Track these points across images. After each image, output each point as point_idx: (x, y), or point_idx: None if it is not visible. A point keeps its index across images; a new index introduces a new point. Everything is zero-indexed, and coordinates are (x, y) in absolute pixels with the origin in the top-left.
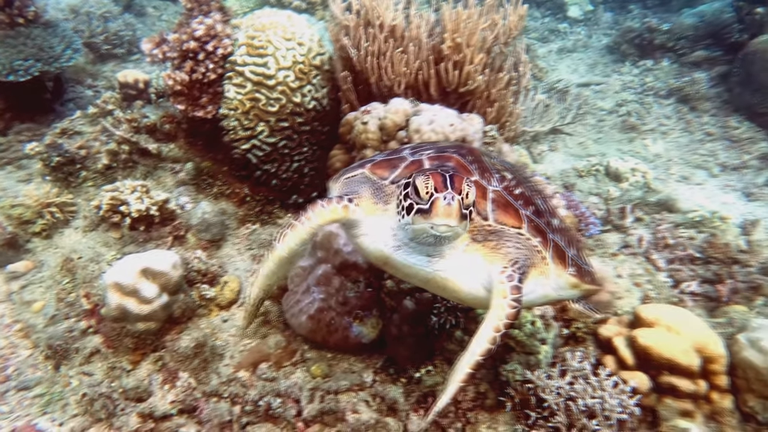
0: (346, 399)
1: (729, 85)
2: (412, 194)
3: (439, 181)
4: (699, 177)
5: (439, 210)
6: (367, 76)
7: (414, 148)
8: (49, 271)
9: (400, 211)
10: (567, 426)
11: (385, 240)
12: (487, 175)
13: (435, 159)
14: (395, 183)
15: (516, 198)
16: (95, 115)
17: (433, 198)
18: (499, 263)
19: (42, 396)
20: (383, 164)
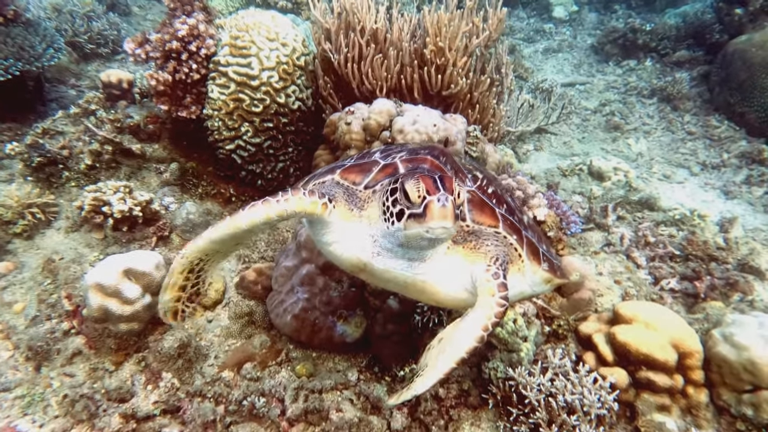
0: (330, 398)
1: (710, 84)
2: (402, 199)
3: (430, 183)
4: (680, 175)
5: (435, 213)
6: (349, 80)
7: (384, 151)
8: (30, 272)
9: (387, 218)
10: (547, 422)
11: (362, 246)
12: (461, 174)
13: (409, 161)
14: (369, 188)
15: (490, 197)
16: (78, 115)
17: (426, 201)
18: (481, 262)
19: (23, 397)
20: (354, 169)
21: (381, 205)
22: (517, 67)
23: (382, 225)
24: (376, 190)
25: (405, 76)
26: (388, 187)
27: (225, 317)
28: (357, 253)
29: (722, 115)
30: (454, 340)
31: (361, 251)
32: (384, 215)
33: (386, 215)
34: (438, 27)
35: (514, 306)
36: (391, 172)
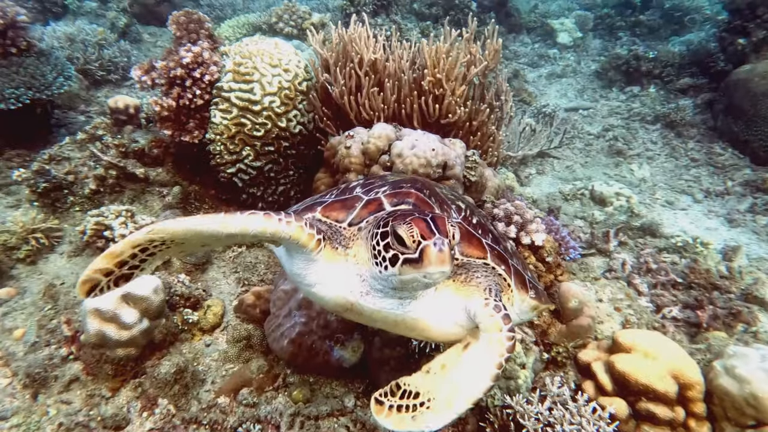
0: (326, 425)
1: (713, 112)
2: (394, 244)
3: (424, 227)
4: (683, 202)
5: (432, 258)
6: (347, 111)
7: (365, 185)
8: (31, 297)
9: (379, 261)
10: None
11: (350, 287)
12: (445, 207)
13: (393, 196)
14: (354, 225)
15: (475, 227)
16: (84, 141)
17: (422, 246)
18: (476, 296)
19: (18, 426)
20: (336, 206)
21: (371, 249)
22: (520, 91)
23: (373, 268)
24: (361, 228)
25: (405, 106)
26: (378, 230)
27: (223, 341)
28: (343, 294)
29: (726, 142)
30: (467, 378)
31: (347, 292)
32: (375, 259)
33: (377, 259)
34: (436, 58)
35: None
36: (375, 208)
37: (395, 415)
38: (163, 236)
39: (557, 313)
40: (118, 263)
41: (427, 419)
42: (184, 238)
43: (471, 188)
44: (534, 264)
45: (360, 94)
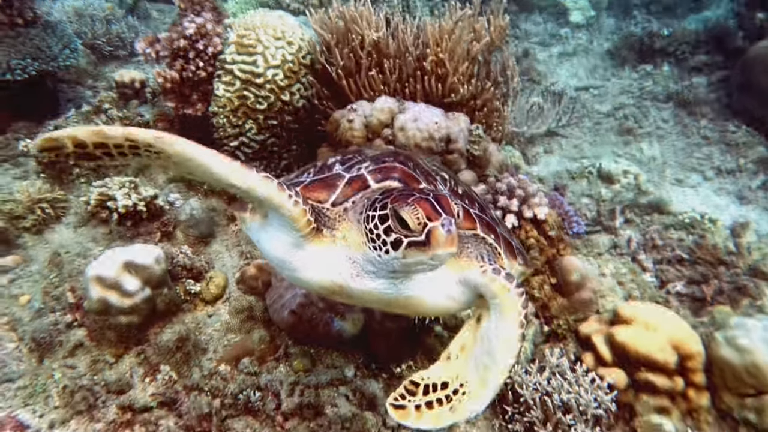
0: (326, 393)
1: (728, 89)
2: (397, 227)
3: (429, 208)
4: (693, 180)
5: (441, 240)
6: (347, 93)
7: (345, 162)
8: (37, 265)
9: (379, 246)
10: (542, 421)
11: (338, 270)
12: (431, 179)
13: (377, 172)
14: (338, 205)
15: (462, 198)
16: (90, 114)
17: (430, 228)
18: (472, 267)
19: (25, 388)
20: (317, 186)
21: (367, 232)
22: (530, 71)
23: (370, 252)
24: (347, 208)
25: (408, 85)
26: (375, 213)
27: (225, 312)
28: (331, 277)
29: (740, 120)
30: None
31: (335, 275)
32: (373, 243)
33: (376, 243)
34: (439, 37)
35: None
36: (359, 186)
37: (428, 413)
38: (166, 149)
39: (558, 287)
40: (100, 144)
41: (468, 406)
42: (186, 161)
43: (474, 163)
44: (536, 238)
45: (359, 75)
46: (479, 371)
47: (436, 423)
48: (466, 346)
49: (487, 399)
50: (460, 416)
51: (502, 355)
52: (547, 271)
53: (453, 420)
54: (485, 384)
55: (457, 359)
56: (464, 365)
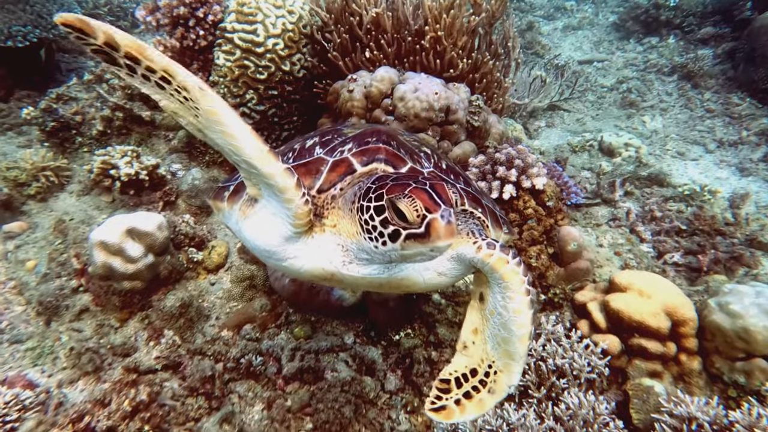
0: (326, 359)
1: (734, 62)
2: (394, 219)
3: (426, 198)
4: (695, 153)
5: (441, 232)
6: (343, 71)
7: (324, 144)
8: (42, 232)
9: (375, 237)
10: (536, 384)
11: (328, 258)
12: (415, 157)
13: (361, 154)
14: (324, 192)
15: (446, 173)
16: (91, 82)
17: (429, 220)
18: (465, 243)
19: (33, 349)
20: (299, 170)
21: (362, 223)
22: (534, 44)
23: (365, 243)
24: (335, 195)
25: (406, 61)
26: (370, 204)
27: (227, 281)
28: (321, 265)
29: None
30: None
31: (326, 263)
32: (369, 234)
33: (372, 234)
34: (438, 14)
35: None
36: (344, 170)
37: (469, 403)
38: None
39: (556, 257)
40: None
41: (503, 383)
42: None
43: (474, 133)
44: (534, 208)
45: (355, 54)
46: (501, 346)
47: (481, 409)
48: (478, 328)
49: (519, 370)
50: (501, 394)
51: (517, 326)
52: (545, 240)
53: (496, 400)
54: (511, 356)
55: (474, 344)
56: (484, 346)
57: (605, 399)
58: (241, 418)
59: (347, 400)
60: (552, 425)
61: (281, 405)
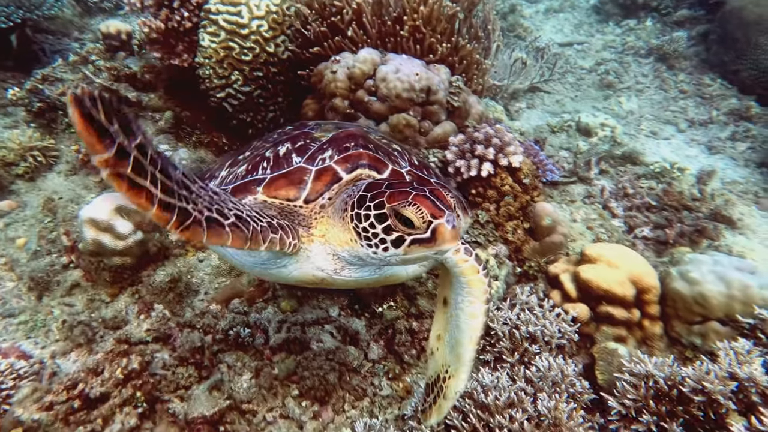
0: (312, 330)
1: (707, 44)
2: (398, 226)
3: (430, 205)
4: (667, 132)
5: (447, 236)
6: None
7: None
8: (31, 210)
9: (376, 244)
10: (510, 350)
11: (318, 266)
12: (392, 157)
13: (345, 161)
14: (311, 202)
15: (420, 169)
16: (77, 63)
17: (435, 226)
18: None
19: (26, 323)
20: (280, 183)
21: (359, 231)
22: (516, 26)
23: (363, 250)
24: (323, 205)
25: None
26: (370, 213)
27: (215, 257)
28: (311, 272)
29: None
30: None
31: (315, 270)
32: (368, 241)
33: (373, 241)
34: (416, 5)
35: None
36: (330, 179)
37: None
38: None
39: (531, 231)
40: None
41: (452, 386)
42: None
43: (454, 114)
44: (511, 185)
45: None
46: (454, 349)
47: (439, 414)
48: (441, 335)
49: (466, 376)
50: (451, 399)
51: (471, 328)
52: (521, 216)
53: (448, 405)
54: (460, 359)
55: (437, 351)
56: (444, 352)
57: (574, 362)
58: (230, 386)
59: (332, 368)
60: (523, 386)
61: (269, 373)
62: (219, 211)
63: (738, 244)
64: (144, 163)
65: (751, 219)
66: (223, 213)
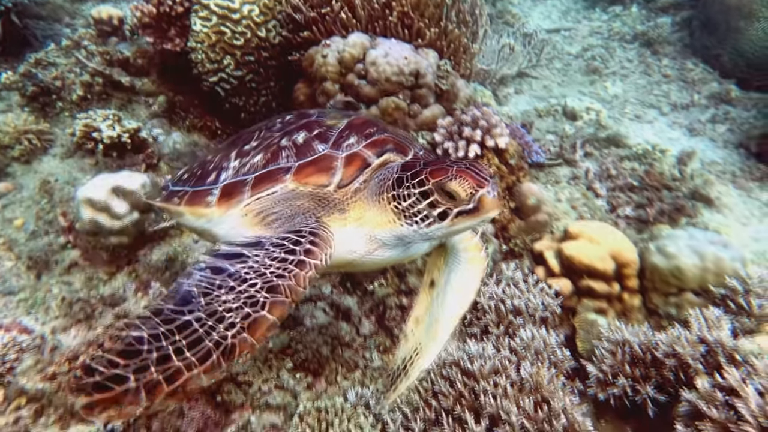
0: (305, 307)
1: (691, 29)
2: (444, 200)
3: (473, 176)
4: (650, 115)
5: (491, 205)
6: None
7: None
8: (28, 192)
9: (419, 220)
10: (496, 323)
11: (352, 248)
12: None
13: (372, 146)
14: (344, 187)
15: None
16: (69, 48)
17: (479, 196)
18: None
19: (26, 300)
20: (309, 170)
21: (401, 210)
22: (504, 13)
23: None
24: (358, 189)
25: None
26: (413, 191)
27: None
28: (343, 255)
29: (699, 58)
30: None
31: (348, 253)
32: (411, 219)
33: (415, 218)
34: None
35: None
36: (361, 164)
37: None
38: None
39: (517, 211)
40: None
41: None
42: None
43: (443, 97)
44: (497, 166)
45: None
46: (431, 327)
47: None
48: (419, 318)
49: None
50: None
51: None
52: (507, 196)
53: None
54: (435, 337)
55: (413, 334)
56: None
57: (556, 333)
58: None
59: (325, 342)
60: (507, 355)
61: (263, 347)
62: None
63: (714, 221)
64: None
65: (728, 198)
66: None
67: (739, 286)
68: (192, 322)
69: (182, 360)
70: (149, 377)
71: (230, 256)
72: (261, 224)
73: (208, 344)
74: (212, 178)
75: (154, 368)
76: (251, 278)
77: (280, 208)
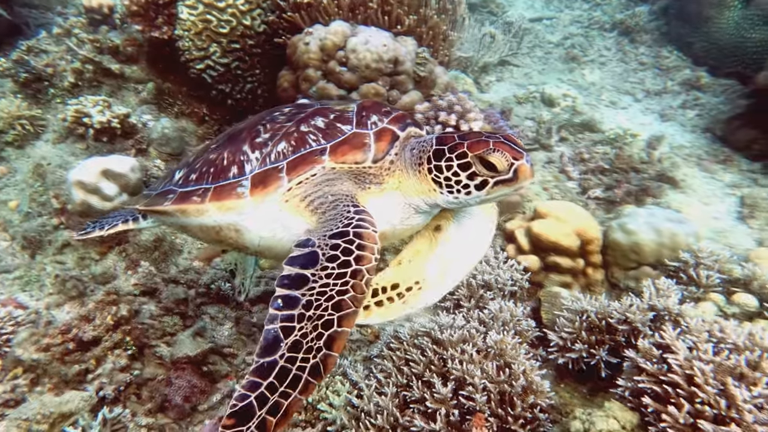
0: None
1: (667, 18)
2: (483, 171)
3: (509, 148)
4: (625, 102)
5: (527, 174)
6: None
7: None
8: (21, 176)
9: (458, 189)
10: (467, 297)
11: (389, 218)
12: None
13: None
14: (380, 160)
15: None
16: (60, 36)
17: (517, 166)
18: None
19: (21, 278)
20: (345, 148)
21: (442, 180)
22: (488, 2)
23: (441, 197)
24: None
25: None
26: (452, 163)
27: None
28: (382, 229)
29: (674, 46)
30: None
31: (386, 223)
32: (451, 188)
33: (455, 188)
34: None
35: None
36: (391, 138)
37: (377, 309)
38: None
39: None
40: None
41: (424, 296)
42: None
43: (421, 83)
44: None
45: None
46: (441, 265)
47: (385, 316)
48: (421, 251)
49: (446, 289)
50: (415, 306)
51: (471, 254)
52: None
53: (405, 311)
54: (445, 275)
55: (409, 263)
56: (419, 267)
57: (523, 306)
58: (212, 333)
59: None
60: (475, 325)
61: (248, 321)
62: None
63: (677, 201)
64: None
65: (693, 180)
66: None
67: (690, 259)
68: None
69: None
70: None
71: (297, 282)
72: (306, 210)
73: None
74: (235, 171)
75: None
76: (321, 304)
77: (321, 190)
